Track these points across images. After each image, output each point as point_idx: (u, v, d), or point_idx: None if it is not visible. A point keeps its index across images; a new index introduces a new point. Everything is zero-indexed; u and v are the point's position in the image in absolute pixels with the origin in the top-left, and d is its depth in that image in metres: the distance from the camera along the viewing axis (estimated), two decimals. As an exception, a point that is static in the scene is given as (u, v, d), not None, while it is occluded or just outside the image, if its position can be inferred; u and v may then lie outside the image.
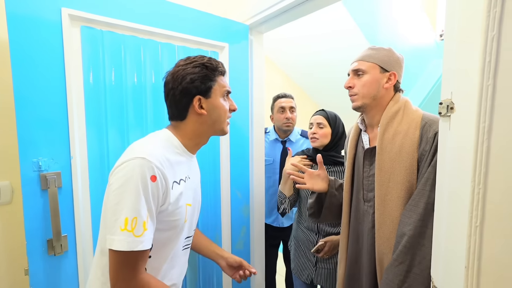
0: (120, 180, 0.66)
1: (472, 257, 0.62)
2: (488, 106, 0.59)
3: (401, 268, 0.87)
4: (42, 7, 0.93)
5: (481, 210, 0.61)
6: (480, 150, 0.60)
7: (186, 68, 0.79)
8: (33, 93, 0.93)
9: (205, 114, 0.81)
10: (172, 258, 0.80)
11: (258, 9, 1.40)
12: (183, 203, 0.77)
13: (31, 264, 0.95)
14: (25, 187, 0.93)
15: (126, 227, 0.64)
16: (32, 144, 0.93)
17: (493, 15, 0.58)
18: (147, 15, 1.14)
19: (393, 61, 0.99)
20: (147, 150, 0.70)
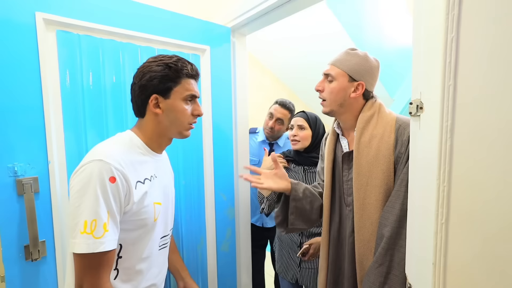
0: (79, 184, 0.67)
1: (438, 254, 0.64)
2: (450, 105, 0.61)
3: (381, 269, 0.88)
4: (15, 11, 0.92)
5: (446, 207, 0.63)
6: (444, 149, 0.62)
7: (150, 65, 0.80)
8: (7, 98, 0.92)
9: (160, 113, 0.81)
10: (147, 258, 0.81)
11: (240, 11, 1.41)
12: (149, 202, 0.78)
13: (7, 271, 0.93)
14: (0, 194, 0.92)
15: (85, 229, 0.64)
16: (7, 149, 0.92)
17: (451, 17, 0.59)
18: (125, 18, 1.13)
19: (364, 70, 0.98)
20: (106, 152, 0.71)
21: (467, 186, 0.60)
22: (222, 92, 1.45)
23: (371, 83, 1.00)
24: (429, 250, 0.66)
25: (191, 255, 1.38)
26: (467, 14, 0.58)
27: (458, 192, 0.61)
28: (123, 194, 0.70)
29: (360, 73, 0.97)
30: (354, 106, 1.00)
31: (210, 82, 1.39)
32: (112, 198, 0.68)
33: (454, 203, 0.62)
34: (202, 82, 1.38)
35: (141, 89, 0.80)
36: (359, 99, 1.00)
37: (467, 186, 0.60)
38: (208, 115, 1.40)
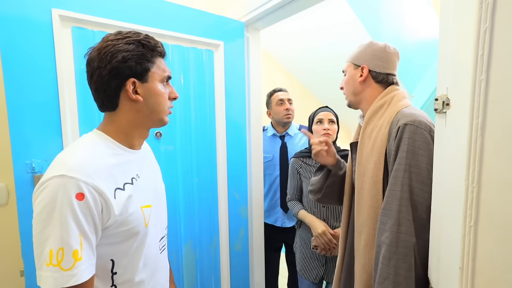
0: (40, 206, 0.57)
1: (466, 258, 0.62)
2: (481, 101, 0.58)
3: (386, 285, 0.81)
4: (32, 8, 0.95)
5: (475, 209, 0.60)
6: (474, 147, 0.60)
7: (117, 43, 0.66)
8: (25, 95, 0.95)
9: (141, 101, 0.69)
10: (146, 266, 0.73)
11: (254, 5, 1.40)
12: (135, 208, 0.68)
13: (26, 266, 0.97)
14: (19, 189, 0.95)
15: (51, 261, 0.55)
16: (25, 147, 0.95)
17: (486, 7, 0.57)
18: (139, 14, 1.15)
19: (366, 54, 1.01)
20: (68, 163, 0.59)
21: (498, 187, 0.57)
22: (235, 89, 1.45)
23: (376, 63, 1.01)
24: (456, 254, 0.64)
25: (204, 254, 1.39)
26: (503, 2, 0.55)
27: (488, 194, 0.59)
28: (96, 210, 0.60)
29: (362, 57, 1.02)
30: (368, 92, 1.02)
31: (224, 78, 1.39)
32: (82, 218, 0.57)
33: (484, 205, 0.59)
34: (216, 78, 1.38)
35: (113, 72, 0.65)
36: (371, 83, 1.01)
37: (499, 187, 0.57)
38: (222, 112, 1.40)
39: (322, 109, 1.50)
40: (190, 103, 1.31)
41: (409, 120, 0.84)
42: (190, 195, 1.33)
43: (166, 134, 1.24)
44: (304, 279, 1.51)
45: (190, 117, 1.31)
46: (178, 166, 1.29)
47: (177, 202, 1.29)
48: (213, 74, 1.37)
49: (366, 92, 1.02)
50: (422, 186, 0.81)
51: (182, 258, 1.32)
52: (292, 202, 1.56)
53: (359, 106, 1.06)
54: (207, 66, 1.35)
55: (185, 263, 1.33)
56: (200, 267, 1.38)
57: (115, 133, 0.71)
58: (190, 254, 1.34)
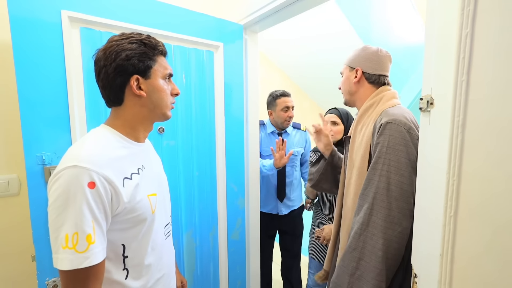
0: (54, 194, 0.58)
1: (446, 246, 0.63)
2: (462, 101, 0.59)
3: (354, 254, 0.88)
4: (43, 9, 0.93)
5: (455, 200, 0.61)
6: (455, 143, 0.60)
7: (121, 43, 0.68)
8: (36, 92, 0.94)
9: (144, 96, 0.70)
10: (154, 250, 0.75)
11: (251, 9, 1.39)
12: (142, 196, 0.69)
13: (37, 251, 0.96)
14: (30, 180, 0.94)
15: (67, 244, 0.56)
16: (35, 140, 0.94)
17: (467, 13, 0.57)
18: (144, 16, 1.14)
19: (360, 57, 1.04)
20: (80, 155, 0.60)
21: (477, 180, 0.58)
22: (234, 87, 1.44)
23: (369, 66, 1.03)
24: (437, 242, 0.65)
25: (204, 242, 1.39)
26: (482, 9, 0.56)
27: (467, 186, 0.60)
28: (106, 198, 0.61)
29: (356, 60, 1.05)
30: (362, 92, 1.04)
31: (223, 77, 1.39)
32: (94, 205, 0.59)
33: (464, 197, 0.60)
34: (216, 77, 1.38)
35: (118, 70, 0.67)
36: (364, 84, 1.04)
37: (477, 180, 0.58)
38: (221, 109, 1.40)
39: (328, 111, 1.57)
40: (191, 100, 1.30)
41: (391, 119, 0.88)
42: (190, 187, 1.33)
43: (168, 130, 1.24)
44: (314, 259, 1.59)
45: (191, 113, 1.30)
46: (179, 160, 1.28)
47: (179, 194, 1.29)
48: (213, 73, 1.37)
49: (360, 92, 1.05)
50: (401, 178, 0.84)
51: (183, 245, 1.32)
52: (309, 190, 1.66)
53: (354, 104, 1.09)
54: (208, 66, 1.34)
55: (185, 250, 1.33)
56: (200, 254, 1.39)
57: (121, 127, 0.72)
58: (190, 242, 1.35)
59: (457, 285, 0.62)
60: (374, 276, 0.82)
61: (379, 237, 0.83)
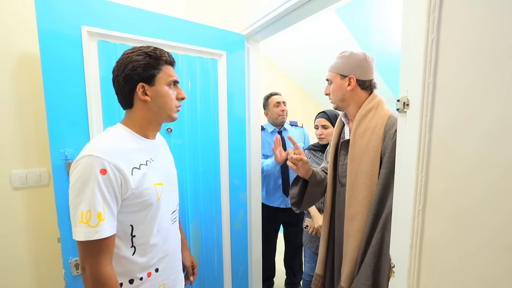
0: (74, 178, 0.65)
1: (415, 237, 0.62)
2: (429, 101, 0.58)
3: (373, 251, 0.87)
4: (66, 25, 0.99)
5: (423, 195, 0.60)
6: (423, 142, 0.59)
7: (130, 56, 0.74)
8: (60, 97, 0.99)
9: (149, 100, 0.75)
10: (159, 232, 0.79)
11: (253, 20, 1.40)
12: (149, 184, 0.74)
13: (62, 234, 1.02)
14: (55, 173, 1.00)
15: (82, 219, 0.63)
16: (60, 139, 1.00)
17: (432, 19, 0.56)
18: (153, 28, 1.17)
19: (350, 65, 0.99)
20: (95, 147, 0.66)
21: (442, 176, 0.57)
22: (237, 92, 1.46)
23: (362, 73, 1.00)
24: (408, 234, 0.64)
25: (208, 231, 1.42)
26: (446, 16, 0.54)
27: (434, 182, 0.58)
28: (116, 183, 0.66)
29: (347, 68, 0.99)
30: (355, 98, 1.00)
31: (226, 83, 1.40)
32: (105, 188, 0.64)
33: (431, 192, 0.59)
34: (220, 83, 1.40)
35: (126, 79, 0.73)
36: (357, 91, 1.00)
37: (442, 176, 0.57)
38: (224, 112, 1.42)
39: (318, 115, 1.56)
40: (196, 104, 1.33)
41: None
42: (196, 182, 1.36)
43: (176, 130, 1.27)
44: (308, 249, 1.61)
45: (196, 116, 1.33)
46: (186, 157, 1.32)
47: (185, 188, 1.32)
48: (217, 80, 1.39)
49: (353, 98, 1.00)
50: None
51: (189, 233, 1.35)
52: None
53: (346, 109, 1.04)
54: (212, 73, 1.36)
55: (192, 237, 1.37)
56: (205, 241, 1.42)
57: (133, 126, 0.78)
58: (196, 230, 1.38)
59: (424, 273, 0.61)
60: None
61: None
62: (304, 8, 1.22)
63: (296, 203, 1.19)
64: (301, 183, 1.17)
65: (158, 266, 0.80)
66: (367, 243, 0.91)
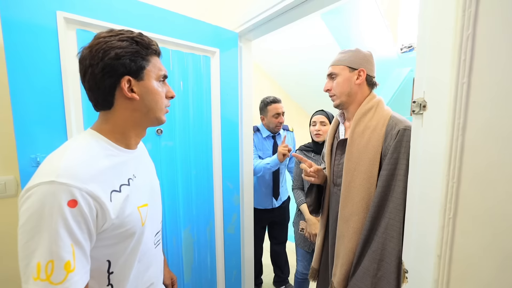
0: (25, 215, 0.43)
1: (444, 247, 0.55)
2: (463, 103, 0.51)
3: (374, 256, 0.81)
4: (37, 10, 0.80)
5: (454, 203, 0.54)
6: (455, 146, 0.53)
7: (110, 40, 0.53)
8: (30, 94, 0.81)
9: (137, 99, 0.56)
10: (140, 261, 0.61)
11: (246, 18, 1.29)
12: (132, 210, 0.55)
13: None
14: (24, 182, 0.82)
15: (39, 275, 0.42)
16: (30, 142, 0.82)
17: (468, 15, 0.49)
18: (141, 20, 1.02)
19: (360, 59, 0.93)
20: (59, 168, 0.45)
21: (477, 183, 0.51)
22: (229, 91, 1.34)
23: (370, 68, 0.94)
24: (432, 242, 0.58)
25: (201, 236, 1.29)
26: (484, 11, 0.48)
27: (467, 189, 0.52)
28: (91, 216, 0.47)
29: (357, 61, 0.93)
30: (359, 95, 0.93)
31: (219, 81, 1.28)
32: (75, 226, 0.45)
33: (463, 199, 0.53)
34: (213, 82, 1.27)
35: (106, 70, 0.52)
36: (364, 87, 0.93)
37: (477, 183, 0.51)
38: (217, 111, 1.29)
39: (316, 113, 1.48)
40: (189, 103, 1.19)
41: (406, 126, 0.81)
42: (188, 185, 1.22)
43: (166, 131, 1.12)
44: (300, 248, 1.52)
45: (189, 115, 1.19)
46: (177, 160, 1.17)
47: (177, 192, 1.18)
48: (210, 77, 1.26)
49: (358, 94, 0.93)
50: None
51: (181, 241, 1.21)
52: (296, 191, 1.52)
53: (348, 106, 0.95)
54: (204, 70, 1.23)
55: (184, 245, 1.22)
56: (197, 247, 1.28)
57: (110, 133, 0.57)
58: (188, 238, 1.24)
59: (455, 285, 0.55)
60: (395, 277, 0.77)
61: (398, 239, 0.77)
62: (300, 8, 1.14)
63: (315, 210, 1.12)
64: (316, 190, 1.11)
65: None
66: (364, 246, 0.85)
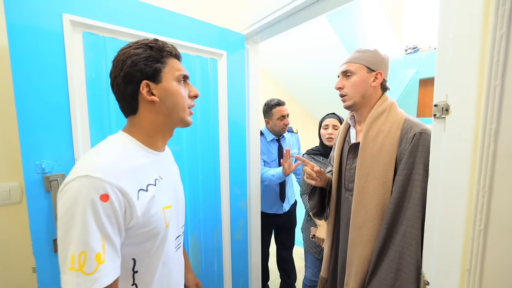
0: (63, 207, 0.47)
1: (474, 261, 0.51)
2: (495, 107, 0.48)
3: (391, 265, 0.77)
4: (43, 12, 0.78)
5: (485, 214, 0.50)
6: (486, 153, 0.49)
7: (127, 51, 0.58)
8: (35, 99, 0.78)
9: (157, 101, 0.59)
10: (165, 264, 0.63)
11: (253, 19, 1.27)
12: (157, 210, 0.57)
13: (38, 263, 0.81)
14: (29, 189, 0.79)
15: (73, 265, 0.45)
16: (35, 148, 0.79)
17: (502, 13, 0.46)
18: (148, 22, 0.99)
19: (379, 61, 0.89)
20: (94, 164, 0.49)
21: (510, 192, 0.47)
22: (237, 94, 1.31)
23: (386, 72, 0.91)
24: (458, 255, 0.54)
25: (208, 243, 1.26)
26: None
27: (499, 199, 0.48)
28: (121, 211, 0.50)
29: (376, 63, 0.89)
30: (373, 97, 0.90)
31: (227, 84, 1.25)
32: (106, 220, 0.48)
33: (495, 209, 0.49)
34: (220, 84, 1.24)
35: (126, 78, 0.57)
36: (378, 90, 0.90)
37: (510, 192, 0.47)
38: (225, 115, 1.27)
39: (328, 116, 1.44)
40: (196, 106, 1.16)
41: (422, 129, 0.77)
42: (195, 191, 1.19)
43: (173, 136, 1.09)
44: (309, 254, 1.48)
45: (196, 119, 1.17)
46: (184, 165, 1.14)
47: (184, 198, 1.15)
48: (217, 80, 1.23)
49: (372, 97, 0.89)
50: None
51: (188, 247, 1.18)
52: (305, 197, 1.49)
53: (361, 108, 0.91)
54: (211, 73, 1.21)
55: (191, 251, 1.19)
56: (204, 254, 1.25)
57: (139, 135, 0.61)
58: (195, 244, 1.21)
59: (487, 303, 0.51)
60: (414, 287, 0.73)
61: (416, 247, 0.73)
62: (309, 10, 1.11)
63: (318, 213, 1.09)
64: (319, 193, 1.07)
65: None
66: (379, 254, 0.81)
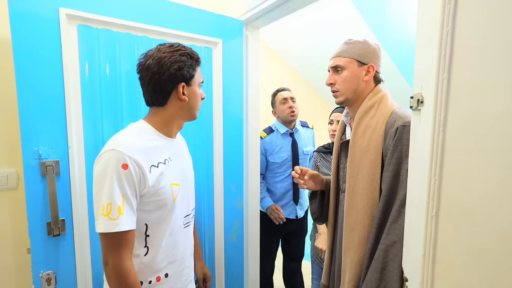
0: (97, 172, 0.77)
1: (428, 246, 0.66)
2: (443, 99, 0.63)
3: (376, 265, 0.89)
4: (41, 7, 1.03)
5: (436, 200, 0.65)
6: (436, 142, 0.64)
7: (174, 55, 0.86)
8: (34, 88, 1.03)
9: (186, 100, 0.90)
10: (171, 235, 0.91)
11: (252, 4, 1.44)
12: (165, 184, 0.86)
13: (32, 244, 1.06)
14: (27, 174, 1.04)
15: (103, 211, 0.75)
16: (33, 135, 1.04)
17: (448, 11, 0.61)
18: (141, 12, 1.22)
19: (369, 53, 1.01)
20: (119, 142, 0.79)
21: (458, 180, 0.62)
22: (233, 85, 1.50)
23: (378, 64, 1.03)
24: (420, 243, 0.68)
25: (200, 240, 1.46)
26: (463, 7, 0.59)
27: (448, 186, 0.63)
28: (136, 179, 0.78)
29: (367, 56, 1.00)
30: (366, 91, 1.02)
31: (222, 74, 1.45)
32: (126, 183, 0.77)
33: (445, 196, 0.64)
34: (214, 76, 1.44)
35: (170, 77, 0.85)
36: (370, 83, 1.03)
37: (458, 180, 0.61)
38: (219, 108, 1.46)
39: (335, 110, 1.62)
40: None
41: (405, 122, 0.87)
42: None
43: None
44: (316, 265, 1.67)
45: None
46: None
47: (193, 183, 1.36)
48: (211, 72, 1.43)
49: (364, 91, 1.02)
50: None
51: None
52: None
53: (354, 104, 1.04)
54: (206, 63, 1.41)
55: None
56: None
57: (157, 123, 0.91)
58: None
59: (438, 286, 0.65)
60: (399, 286, 0.84)
61: (400, 244, 0.83)
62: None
63: (318, 217, 1.24)
64: (319, 196, 1.21)
65: (167, 272, 0.92)
66: (370, 257, 0.92)
